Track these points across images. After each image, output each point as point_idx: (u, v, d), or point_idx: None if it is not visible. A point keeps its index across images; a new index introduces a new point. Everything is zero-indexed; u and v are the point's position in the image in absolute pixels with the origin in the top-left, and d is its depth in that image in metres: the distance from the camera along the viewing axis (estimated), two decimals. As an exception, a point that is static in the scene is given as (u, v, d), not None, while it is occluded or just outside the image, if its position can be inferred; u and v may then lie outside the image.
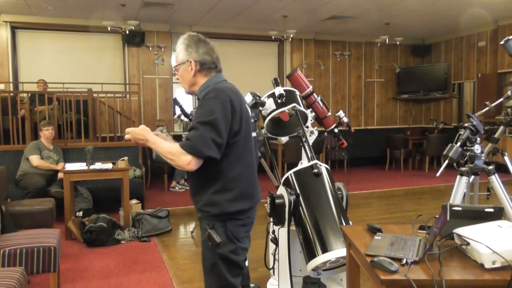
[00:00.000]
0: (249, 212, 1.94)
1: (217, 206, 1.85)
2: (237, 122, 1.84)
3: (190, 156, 1.75)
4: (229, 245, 1.88)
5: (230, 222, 1.87)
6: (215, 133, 1.75)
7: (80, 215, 4.85)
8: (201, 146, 1.74)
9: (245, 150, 1.91)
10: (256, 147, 2.08)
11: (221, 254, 1.88)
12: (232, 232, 1.88)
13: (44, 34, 8.05)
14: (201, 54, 1.92)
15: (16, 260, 2.79)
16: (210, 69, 1.94)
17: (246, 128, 1.91)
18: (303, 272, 2.91)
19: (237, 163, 1.87)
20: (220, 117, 1.77)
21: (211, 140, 1.75)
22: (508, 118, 3.43)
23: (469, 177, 2.69)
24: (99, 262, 3.88)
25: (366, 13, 7.65)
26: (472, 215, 1.67)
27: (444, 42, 9.96)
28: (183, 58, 1.93)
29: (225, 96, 1.82)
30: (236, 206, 1.86)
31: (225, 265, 1.90)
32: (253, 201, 1.95)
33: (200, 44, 1.94)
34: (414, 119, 10.63)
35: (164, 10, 7.37)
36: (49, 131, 5.37)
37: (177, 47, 1.98)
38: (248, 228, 1.97)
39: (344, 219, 2.67)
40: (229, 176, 1.85)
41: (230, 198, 1.85)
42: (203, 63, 1.92)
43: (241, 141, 1.87)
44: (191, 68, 1.92)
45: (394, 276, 1.45)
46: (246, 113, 1.94)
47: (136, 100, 7.65)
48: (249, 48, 9.38)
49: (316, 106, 3.34)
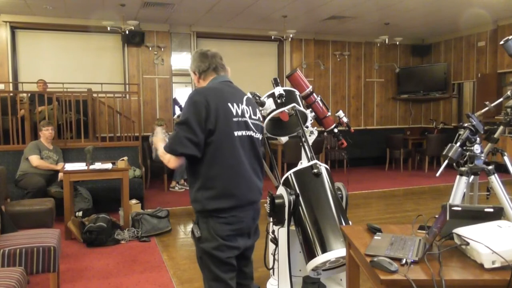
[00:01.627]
0: (233, 211, 1.96)
1: (199, 203, 1.96)
2: (212, 122, 1.90)
3: (168, 155, 1.93)
4: (212, 241, 1.95)
5: (211, 219, 1.95)
6: (189, 132, 1.88)
7: (80, 215, 4.86)
8: (175, 145, 1.90)
9: (223, 150, 1.94)
10: (253, 146, 2.08)
11: (204, 249, 1.97)
12: (214, 229, 1.94)
13: (44, 34, 8.05)
14: (197, 64, 2.14)
15: (16, 260, 2.79)
16: (206, 72, 2.13)
17: (225, 128, 1.94)
18: (303, 272, 2.91)
19: (214, 162, 1.93)
20: (192, 116, 1.89)
21: (186, 139, 1.88)
22: (508, 118, 3.43)
23: (469, 177, 2.69)
24: (99, 262, 3.88)
25: (366, 13, 7.65)
26: (471, 215, 1.68)
27: (444, 42, 9.96)
28: (190, 70, 2.20)
29: (199, 97, 1.93)
30: (215, 204, 1.93)
31: (211, 260, 1.98)
32: (236, 200, 1.96)
33: (196, 55, 2.16)
34: (413, 119, 10.63)
35: (164, 10, 7.37)
36: (49, 131, 5.37)
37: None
38: (235, 226, 1.98)
39: (344, 219, 2.67)
40: (207, 174, 1.94)
41: (209, 196, 1.93)
42: (197, 70, 2.13)
43: (218, 141, 1.92)
44: (195, 78, 2.16)
45: (394, 276, 1.45)
46: (226, 113, 1.96)
47: (136, 100, 7.65)
48: (249, 48, 9.37)
49: (315, 106, 3.34)
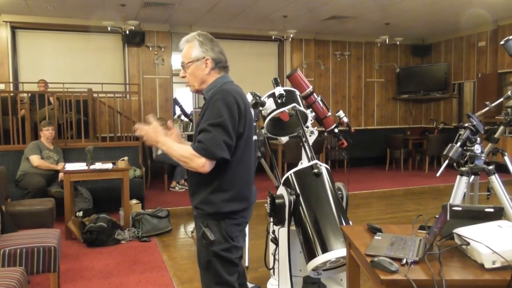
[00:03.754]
0: (244, 212, 1.98)
1: (213, 205, 1.89)
2: (242, 125, 1.88)
3: (203, 159, 1.78)
4: (224, 243, 1.91)
5: (224, 221, 1.90)
6: (225, 135, 1.79)
7: (80, 215, 4.86)
8: (214, 149, 1.78)
9: (245, 153, 1.93)
10: (255, 150, 2.10)
11: (215, 252, 1.91)
12: (226, 231, 1.91)
13: (44, 34, 8.05)
14: (216, 53, 1.95)
15: (16, 260, 2.79)
16: (222, 68, 1.98)
17: (249, 132, 1.95)
18: (303, 272, 2.91)
19: (236, 165, 1.90)
20: (228, 119, 1.80)
21: (223, 142, 1.79)
22: (508, 118, 3.43)
23: (469, 177, 2.70)
24: (99, 262, 3.88)
25: (366, 13, 7.65)
26: (472, 215, 1.68)
27: (444, 42, 9.96)
28: (198, 54, 1.93)
29: (232, 99, 1.84)
30: (231, 206, 1.90)
31: (220, 262, 1.92)
32: (247, 202, 1.99)
33: (214, 43, 1.97)
34: (414, 119, 10.63)
35: (164, 10, 7.37)
36: (49, 131, 5.37)
37: (188, 44, 1.97)
38: (242, 227, 2.00)
39: (344, 219, 2.68)
40: (226, 177, 1.88)
41: (226, 198, 1.89)
42: (218, 61, 1.95)
43: (242, 144, 1.90)
44: (205, 65, 1.93)
45: (394, 276, 1.45)
46: (250, 116, 1.96)
47: (136, 100, 7.66)
48: (249, 48, 9.37)
49: (316, 106, 3.35)
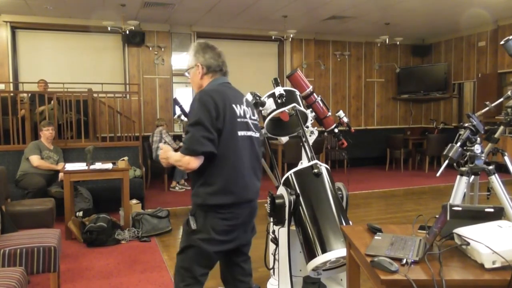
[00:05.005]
0: (232, 207, 2.04)
1: (200, 197, 2.03)
2: (221, 121, 1.99)
3: (187, 157, 1.95)
4: (203, 233, 2.02)
5: (210, 213, 2.02)
6: (204, 131, 1.94)
7: (80, 215, 4.85)
8: (195, 146, 1.93)
9: (229, 149, 2.02)
10: (253, 147, 2.14)
11: (193, 239, 2.03)
12: (210, 223, 2.02)
13: (44, 34, 8.05)
14: (207, 59, 2.14)
15: (16, 260, 2.79)
16: (215, 72, 2.16)
17: (231, 127, 2.03)
18: (303, 272, 2.91)
19: (219, 160, 2.00)
20: (204, 116, 1.95)
21: (203, 138, 1.93)
22: (508, 118, 3.43)
23: (469, 177, 2.69)
24: (99, 262, 3.88)
25: (366, 13, 7.65)
26: (472, 215, 1.68)
27: (444, 42, 9.96)
28: (191, 63, 2.17)
29: (208, 97, 1.99)
30: (215, 200, 2.01)
31: (195, 251, 2.04)
32: (235, 197, 2.04)
33: (207, 49, 2.16)
34: (414, 119, 10.63)
35: (164, 10, 7.37)
36: (49, 131, 5.37)
37: (187, 56, 2.22)
38: (231, 222, 2.05)
39: (344, 219, 2.67)
40: (210, 171, 2.01)
41: (210, 191, 2.01)
42: (209, 66, 2.14)
43: (224, 140, 2.00)
44: (198, 72, 2.14)
45: (394, 276, 1.45)
46: (232, 113, 2.05)
47: (136, 100, 7.65)
48: (249, 48, 9.37)
49: (316, 106, 3.34)
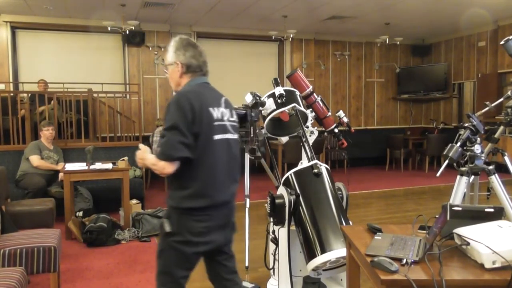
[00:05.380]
0: (207, 210, 2.01)
1: (174, 201, 2.01)
2: (197, 125, 1.94)
3: (163, 162, 1.91)
4: (179, 236, 1.99)
5: (184, 216, 1.99)
6: (180, 135, 1.89)
7: (80, 215, 4.85)
8: (170, 151, 1.90)
9: (205, 154, 1.98)
10: (230, 149, 2.09)
11: (170, 243, 2.00)
12: (185, 226, 1.99)
13: (44, 34, 8.05)
14: (188, 57, 2.07)
15: (16, 260, 2.79)
16: (195, 72, 2.09)
17: (207, 131, 1.99)
18: (303, 272, 2.91)
19: (194, 164, 1.96)
20: (180, 120, 1.90)
21: (178, 143, 1.89)
22: (508, 118, 3.43)
23: (469, 177, 2.69)
24: (99, 262, 3.88)
25: (366, 13, 7.65)
26: (472, 215, 1.68)
27: (444, 42, 9.96)
28: (171, 59, 2.10)
29: (184, 100, 1.95)
30: (189, 203, 1.98)
31: (173, 254, 2.01)
32: (210, 200, 2.01)
33: (188, 47, 2.09)
34: (414, 119, 10.63)
35: (164, 10, 7.38)
36: (49, 131, 5.37)
37: (168, 49, 2.13)
38: (207, 224, 2.01)
39: (344, 219, 2.68)
40: (185, 176, 1.97)
41: (184, 195, 1.98)
42: (189, 65, 2.07)
43: (201, 144, 1.96)
44: (178, 70, 2.08)
45: (394, 276, 1.45)
46: (209, 117, 2.00)
47: (136, 100, 7.66)
48: (249, 48, 9.37)
49: (316, 106, 3.34)
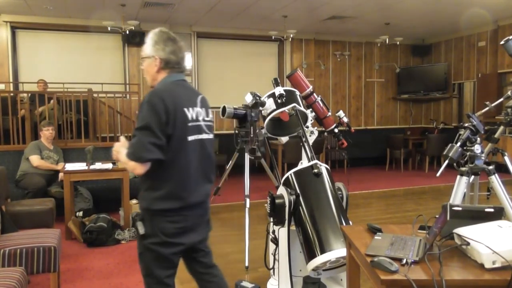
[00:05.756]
0: (181, 211, 1.97)
1: (145, 202, 1.98)
2: (171, 126, 1.89)
3: (133, 163, 1.86)
4: (154, 238, 1.96)
5: (156, 217, 1.95)
6: (152, 136, 1.84)
7: (80, 215, 4.86)
8: (141, 152, 1.84)
9: (179, 154, 1.94)
10: (204, 149, 2.05)
11: (146, 245, 1.98)
12: (159, 227, 1.95)
13: (44, 34, 8.05)
14: (167, 53, 1.99)
15: (16, 260, 2.79)
16: (173, 68, 2.02)
17: (181, 132, 1.94)
18: (303, 272, 2.91)
19: (166, 165, 1.91)
20: (153, 120, 1.85)
21: (150, 144, 1.83)
22: (508, 118, 3.44)
23: (469, 177, 2.70)
24: (99, 262, 3.88)
25: (366, 13, 7.65)
26: (472, 215, 1.67)
27: (444, 42, 9.96)
28: (149, 52, 2.01)
29: (157, 99, 1.88)
30: (161, 205, 1.93)
31: (151, 255, 1.98)
32: (183, 202, 1.97)
33: (168, 42, 2.00)
34: (414, 119, 10.63)
35: (164, 10, 7.38)
36: (49, 131, 5.37)
37: (146, 40, 2.05)
38: (180, 225, 1.98)
39: (344, 219, 2.67)
40: (157, 177, 1.93)
41: (156, 197, 1.93)
42: (167, 61, 2.00)
43: (174, 145, 1.91)
44: (155, 64, 2.00)
45: (394, 276, 1.45)
46: (183, 118, 1.95)
47: (136, 100, 7.65)
48: (249, 48, 9.38)
49: (316, 106, 3.35)
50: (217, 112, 3.71)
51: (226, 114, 3.64)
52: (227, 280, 2.37)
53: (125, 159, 1.89)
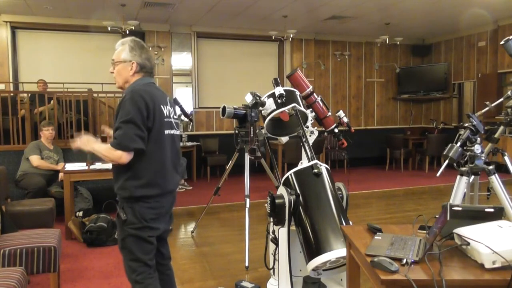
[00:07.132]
0: (158, 197, 2.20)
1: (127, 190, 2.15)
2: (151, 120, 2.13)
3: (120, 152, 2.06)
4: (136, 223, 2.16)
5: (137, 204, 2.16)
6: (136, 129, 2.07)
7: (80, 215, 4.86)
8: (127, 142, 2.05)
9: (156, 146, 2.17)
10: (174, 143, 2.29)
11: (128, 230, 2.17)
12: (139, 213, 2.16)
13: (44, 34, 8.05)
14: (143, 59, 2.27)
15: (16, 260, 2.79)
16: (146, 73, 2.28)
17: (159, 126, 2.18)
18: (303, 272, 2.91)
19: (147, 156, 2.14)
20: (136, 114, 2.08)
21: (135, 135, 2.06)
22: (508, 118, 3.44)
23: (469, 177, 2.69)
24: (99, 262, 3.88)
25: (366, 13, 7.65)
26: (472, 215, 1.67)
27: (444, 42, 9.96)
28: (126, 57, 2.27)
29: (139, 97, 2.11)
30: (143, 192, 2.14)
31: (133, 240, 2.18)
32: (160, 189, 2.20)
33: (143, 50, 2.30)
34: (414, 119, 10.63)
35: (164, 10, 7.38)
36: (49, 131, 5.37)
37: (120, 46, 2.33)
38: (157, 211, 2.21)
39: (344, 219, 2.67)
40: (139, 167, 2.14)
41: (138, 185, 2.14)
42: (143, 66, 2.26)
43: (153, 138, 2.15)
44: (131, 68, 2.25)
45: (394, 276, 1.45)
46: (160, 113, 2.19)
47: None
48: (249, 48, 9.38)
49: (316, 106, 3.34)
50: (217, 112, 3.71)
51: (226, 114, 3.65)
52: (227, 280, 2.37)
53: (106, 150, 2.07)
